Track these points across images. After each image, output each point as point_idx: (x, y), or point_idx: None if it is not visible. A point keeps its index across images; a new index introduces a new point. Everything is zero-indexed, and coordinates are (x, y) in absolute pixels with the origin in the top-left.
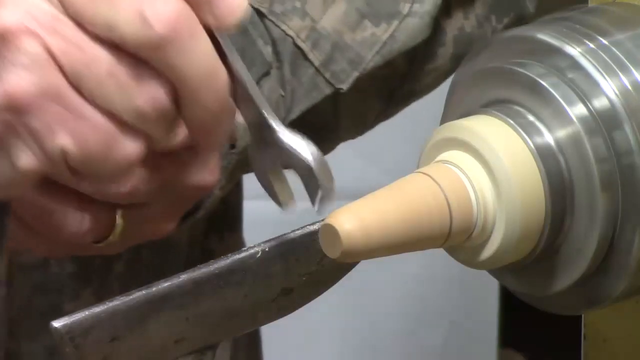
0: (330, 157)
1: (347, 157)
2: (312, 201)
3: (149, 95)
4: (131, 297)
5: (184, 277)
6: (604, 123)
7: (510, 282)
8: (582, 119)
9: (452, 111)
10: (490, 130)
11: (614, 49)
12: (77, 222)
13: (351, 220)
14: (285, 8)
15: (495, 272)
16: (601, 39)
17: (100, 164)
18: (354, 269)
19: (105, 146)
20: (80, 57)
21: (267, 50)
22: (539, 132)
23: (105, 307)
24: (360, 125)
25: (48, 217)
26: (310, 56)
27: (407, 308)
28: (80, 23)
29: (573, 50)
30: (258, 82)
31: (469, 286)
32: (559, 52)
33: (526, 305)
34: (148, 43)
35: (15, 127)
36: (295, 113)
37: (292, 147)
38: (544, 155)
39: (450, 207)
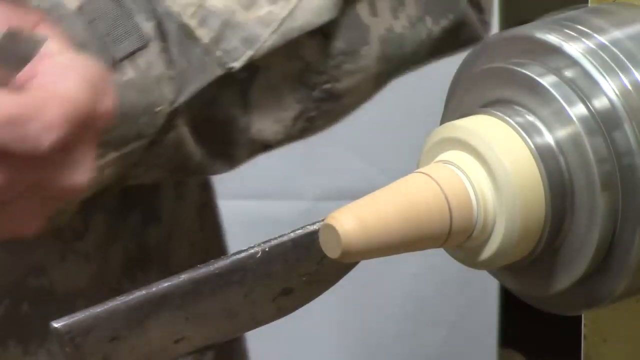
0: (331, 157)
1: (347, 157)
2: None
3: None
4: (131, 297)
5: (184, 277)
6: (604, 123)
7: (510, 282)
8: (582, 119)
9: (452, 111)
10: (490, 130)
11: (614, 48)
12: None
13: (351, 220)
14: None
15: (495, 272)
16: (601, 38)
17: None
18: (354, 269)
19: None
20: None
21: (149, 26)
22: (539, 132)
23: (105, 307)
24: (280, 127)
25: None
26: (198, 33)
27: (407, 308)
28: None
29: (573, 50)
30: (131, 55)
31: (469, 286)
32: (559, 52)
33: (526, 305)
34: None
35: None
36: (185, 95)
37: None
38: (544, 155)
39: (450, 207)
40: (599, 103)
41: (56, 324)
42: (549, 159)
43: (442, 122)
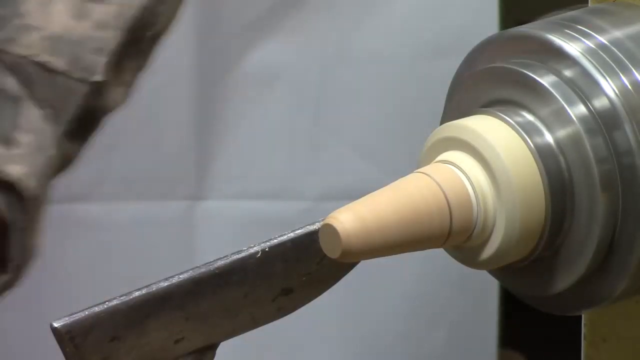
0: (331, 157)
1: (347, 157)
2: None
3: None
4: (131, 297)
5: (184, 277)
6: (604, 123)
7: (510, 282)
8: (582, 119)
9: (452, 111)
10: (490, 130)
11: (614, 48)
12: None
13: (351, 220)
14: (8, 32)
15: (495, 272)
16: (601, 38)
17: None
18: (354, 269)
19: None
20: None
21: (11, 83)
22: (539, 132)
23: (105, 307)
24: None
25: None
26: (53, 65)
27: (407, 308)
28: None
29: (573, 50)
30: (15, 120)
31: (469, 286)
32: (559, 51)
33: (526, 305)
34: None
35: None
36: (64, 124)
37: None
38: (544, 155)
39: (450, 207)
40: (599, 103)
41: (56, 324)
42: (549, 159)
43: (442, 122)
